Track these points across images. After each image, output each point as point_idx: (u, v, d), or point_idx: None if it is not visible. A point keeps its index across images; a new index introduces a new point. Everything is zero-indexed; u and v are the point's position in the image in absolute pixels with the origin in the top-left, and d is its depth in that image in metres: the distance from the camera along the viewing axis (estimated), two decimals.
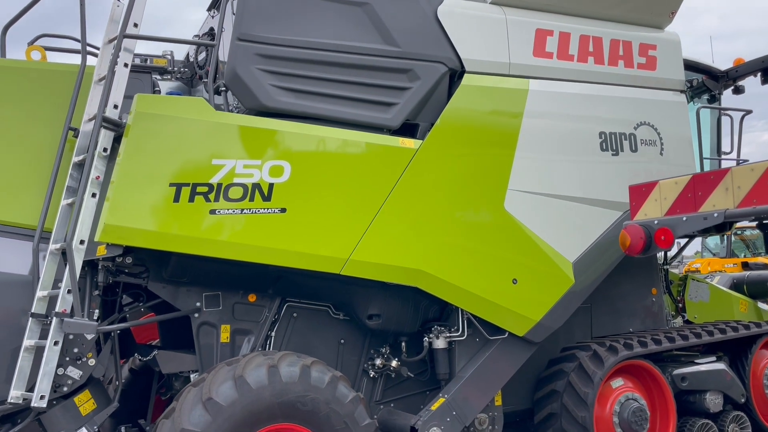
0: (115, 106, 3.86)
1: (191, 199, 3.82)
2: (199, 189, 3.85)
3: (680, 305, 6.61)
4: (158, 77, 5.32)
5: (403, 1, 4.65)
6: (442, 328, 4.73)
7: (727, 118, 6.85)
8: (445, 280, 4.49)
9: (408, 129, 4.59)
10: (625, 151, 5.29)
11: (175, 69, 5.37)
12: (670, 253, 6.62)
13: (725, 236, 16.43)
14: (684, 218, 2.92)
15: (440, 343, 4.71)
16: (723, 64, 7.03)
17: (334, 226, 4.18)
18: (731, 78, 6.89)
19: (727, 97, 7.07)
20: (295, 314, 4.64)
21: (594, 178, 5.11)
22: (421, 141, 4.50)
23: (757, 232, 16.04)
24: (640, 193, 3.19)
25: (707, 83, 6.94)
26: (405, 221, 4.39)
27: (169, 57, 5.52)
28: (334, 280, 4.37)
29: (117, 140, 3.86)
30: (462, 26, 4.80)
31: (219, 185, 3.90)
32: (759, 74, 6.53)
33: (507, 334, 4.72)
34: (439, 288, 4.49)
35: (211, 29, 4.91)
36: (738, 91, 6.91)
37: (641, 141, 5.38)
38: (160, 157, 3.80)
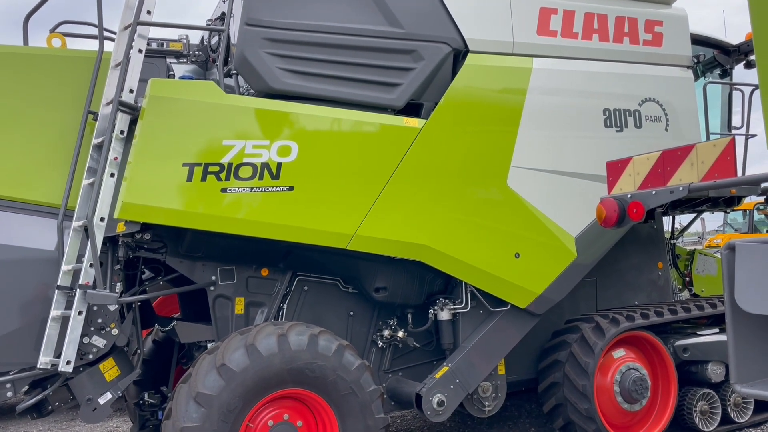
0: (131, 91, 4.07)
1: (203, 179, 4.03)
2: (211, 169, 4.05)
3: (687, 279, 6.70)
4: (174, 61, 5.52)
5: None
6: (447, 301, 4.91)
7: (738, 93, 6.83)
8: (449, 255, 4.65)
9: (412, 108, 4.73)
10: (630, 127, 5.37)
11: (191, 53, 5.57)
12: (678, 228, 6.70)
13: (747, 211, 16.30)
14: (653, 192, 3.05)
15: (445, 315, 4.89)
16: (736, 37, 7.01)
17: (341, 203, 4.36)
18: (743, 52, 6.87)
19: (740, 72, 7.06)
20: (305, 287, 4.86)
21: (597, 155, 5.18)
22: (425, 120, 4.64)
23: None
24: (616, 168, 3.32)
25: (718, 58, 6.94)
26: (409, 198, 4.56)
27: (185, 41, 5.70)
28: (342, 254, 4.56)
29: (133, 123, 4.07)
30: (465, 6, 4.89)
31: (230, 165, 4.10)
32: None
33: (509, 306, 4.89)
34: (444, 262, 4.66)
35: (223, 14, 5.08)
36: (750, 65, 6.89)
37: (646, 117, 5.44)
38: (174, 138, 4.01)
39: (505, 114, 4.92)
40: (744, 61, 6.92)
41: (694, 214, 6.79)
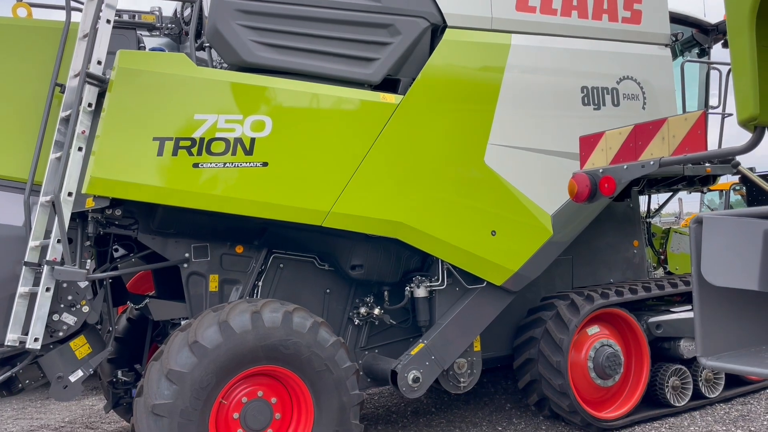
0: (99, 63, 3.96)
1: (174, 153, 3.96)
2: (182, 143, 3.97)
3: (662, 257, 6.77)
4: (146, 34, 5.39)
5: None
6: (423, 278, 4.91)
7: (716, 72, 6.86)
8: (426, 232, 4.64)
9: (389, 84, 4.67)
10: (607, 105, 5.36)
11: (163, 26, 5.44)
12: (653, 207, 6.75)
13: (723, 192, 16.48)
14: (625, 167, 3.03)
15: (421, 293, 4.89)
16: (715, 16, 7.02)
17: (316, 180, 4.31)
18: (721, 31, 6.88)
19: (718, 51, 7.08)
20: (281, 265, 4.82)
21: (575, 133, 5.13)
22: (402, 96, 4.59)
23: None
24: (588, 143, 3.30)
25: (697, 37, 6.95)
26: (386, 175, 4.52)
27: (157, 13, 5.57)
28: (318, 231, 4.53)
29: (101, 96, 3.97)
30: None
31: (201, 140, 4.02)
32: None
33: (485, 283, 4.89)
34: (420, 240, 4.65)
35: None
36: (728, 44, 6.89)
37: (623, 95, 5.44)
38: (143, 112, 3.92)
39: (483, 91, 4.88)
40: (722, 41, 6.93)
41: (670, 194, 6.84)
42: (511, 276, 4.90)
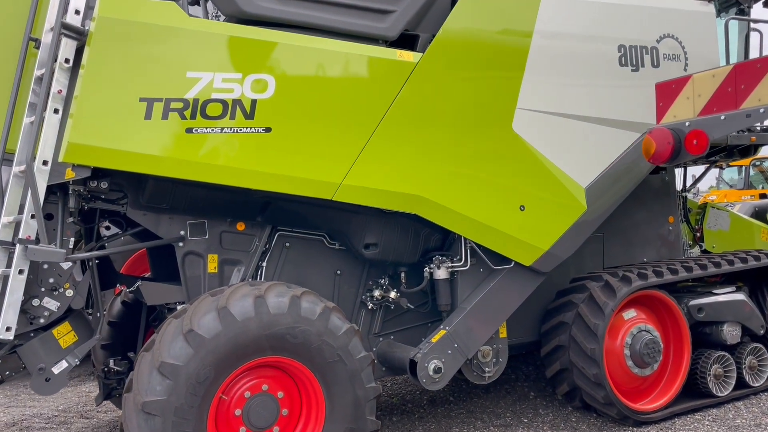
0: (77, 12, 3.47)
1: (165, 116, 3.47)
2: (174, 105, 3.49)
3: (698, 234, 6.28)
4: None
5: None
6: (444, 258, 4.44)
7: (756, 33, 6.30)
8: (447, 207, 4.17)
9: (407, 40, 4.17)
10: (646, 66, 4.84)
11: None
12: (689, 180, 6.25)
13: (743, 167, 15.94)
14: (722, 117, 2.51)
15: (442, 274, 4.43)
16: None
17: (325, 148, 3.84)
18: None
19: (758, 11, 6.52)
20: (287, 244, 4.36)
21: (611, 97, 4.68)
22: (421, 54, 4.09)
23: None
24: (668, 91, 2.78)
25: None
26: (403, 142, 4.04)
27: None
28: (327, 206, 4.06)
29: (81, 50, 3.48)
30: None
31: (195, 101, 3.54)
32: None
33: (513, 263, 4.43)
34: (440, 215, 4.18)
35: None
36: None
37: (664, 56, 4.91)
38: (128, 68, 3.42)
39: (510, 48, 4.37)
40: (763, 0, 6.36)
41: (706, 165, 6.33)
42: (542, 255, 4.43)
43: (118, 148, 3.39)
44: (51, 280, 3.69)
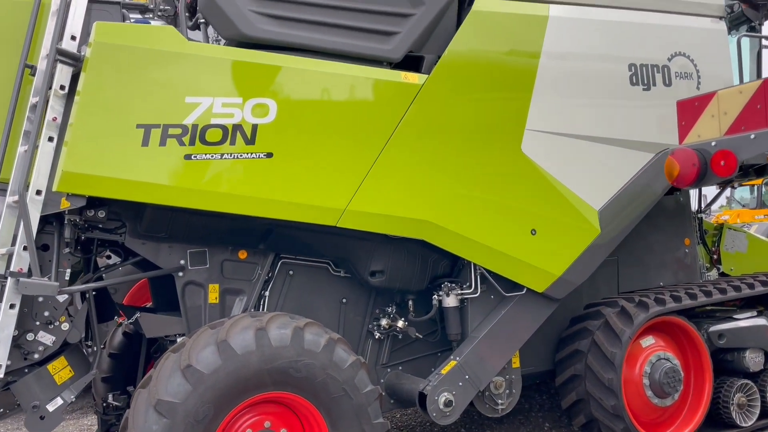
0: (73, 38, 3.39)
1: (162, 143, 3.37)
2: (172, 131, 3.38)
3: (715, 257, 6.09)
4: (138, 16, 4.83)
5: None
6: (453, 285, 4.29)
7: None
8: (456, 232, 4.03)
9: (411, 62, 4.07)
10: (658, 85, 4.71)
11: (157, 6, 4.86)
12: (705, 200, 6.08)
13: (755, 186, 15.73)
14: (752, 136, 2.36)
15: (451, 301, 4.27)
16: None
17: (328, 173, 3.71)
18: None
19: None
20: (291, 272, 4.22)
21: (623, 117, 4.56)
22: (426, 75, 3.98)
23: None
24: (691, 109, 2.64)
25: (747, 12, 6.26)
26: (409, 166, 3.91)
27: None
28: (332, 233, 3.92)
29: (77, 77, 3.39)
30: None
31: (194, 126, 3.43)
32: None
33: (525, 290, 4.26)
34: (449, 240, 4.03)
35: None
36: None
37: (675, 74, 4.79)
38: (125, 94, 3.33)
39: (519, 68, 4.26)
40: None
41: (721, 185, 6.16)
42: (555, 281, 4.26)
43: (115, 176, 3.28)
44: (46, 314, 3.57)
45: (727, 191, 17.19)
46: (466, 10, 4.18)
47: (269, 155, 3.58)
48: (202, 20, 3.94)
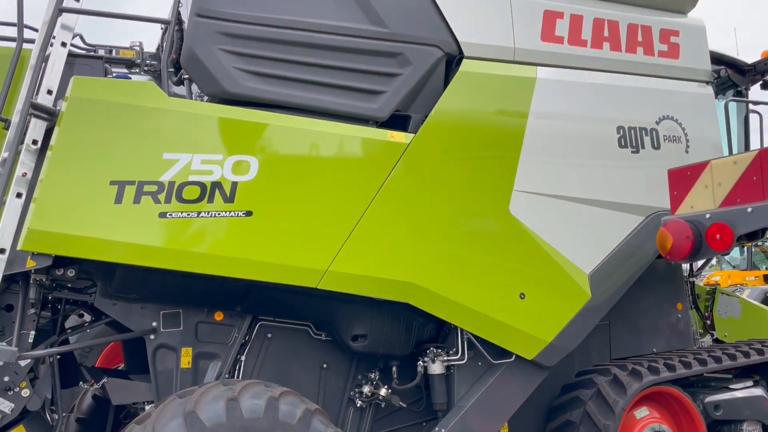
0: (49, 92, 3.30)
1: (137, 200, 3.24)
2: (147, 188, 3.26)
3: (708, 322, 5.95)
4: (125, 71, 4.79)
5: None
6: (439, 351, 4.11)
7: (755, 115, 6.22)
8: (442, 295, 3.88)
9: (398, 121, 4.01)
10: (647, 148, 4.67)
11: (144, 62, 4.84)
12: (697, 264, 5.98)
13: (745, 247, 15.69)
14: (749, 209, 2.27)
15: (437, 368, 4.08)
16: (749, 55, 6.45)
17: (310, 232, 3.59)
18: (759, 72, 6.28)
19: (755, 93, 6.47)
20: (269, 335, 4.04)
21: (612, 179, 4.49)
22: (413, 135, 3.91)
23: None
24: (683, 178, 2.55)
25: (733, 77, 6.33)
26: (394, 227, 3.80)
27: (137, 48, 4.99)
28: (313, 295, 3.77)
29: (51, 133, 3.29)
30: (460, 6, 4.22)
31: (171, 183, 3.31)
32: None
33: (514, 357, 4.09)
34: (435, 304, 3.88)
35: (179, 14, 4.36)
36: (767, 85, 6.29)
37: (664, 137, 4.76)
38: (100, 150, 3.22)
39: (506, 129, 4.21)
40: (761, 82, 6.32)
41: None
42: (545, 347, 4.09)
43: (84, 234, 3.14)
44: (6, 379, 3.36)
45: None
46: (453, 71, 4.15)
47: (248, 214, 3.46)
48: (186, 76, 3.88)
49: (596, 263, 4.32)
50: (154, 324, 3.75)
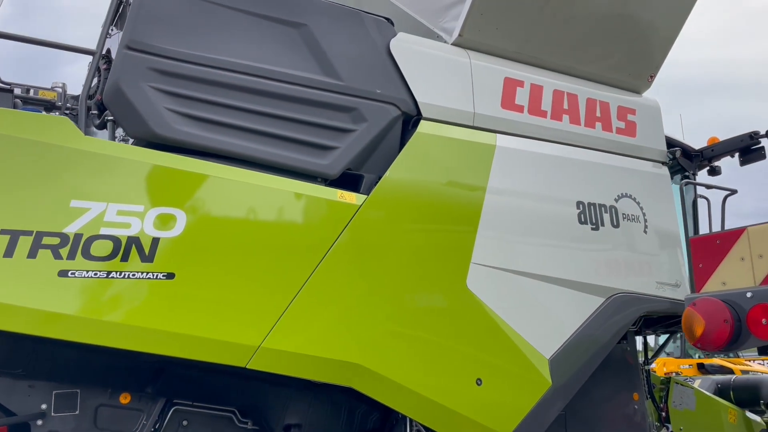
0: None
1: (32, 254, 2.68)
2: (46, 240, 2.71)
3: (663, 414, 5.63)
4: (41, 111, 4.26)
5: (348, 29, 3.82)
6: None
7: (703, 201, 6.19)
8: (390, 378, 3.40)
9: (349, 180, 3.63)
10: (606, 225, 4.46)
11: (65, 104, 4.32)
12: (652, 350, 5.72)
13: (679, 334, 15.84)
14: None
15: None
16: (692, 134, 6.51)
17: (242, 302, 3.08)
18: (706, 158, 6.32)
19: (702, 178, 6.48)
20: (185, 422, 3.42)
21: (572, 257, 4.22)
22: (365, 196, 3.53)
23: None
24: (710, 248, 2.20)
25: (681, 162, 6.33)
26: (339, 299, 3.34)
27: (60, 90, 4.47)
28: (240, 376, 3.22)
29: None
30: (419, 66, 3.98)
31: (78, 236, 2.78)
32: (737, 154, 5.98)
33: None
34: (382, 390, 3.39)
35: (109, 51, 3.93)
36: (714, 172, 6.31)
37: (623, 215, 4.57)
38: None
39: (464, 196, 3.90)
40: (707, 168, 6.35)
41: (668, 334, 5.86)
42: None
43: None
44: None
45: (651, 338, 17.29)
46: (410, 132, 3.86)
47: (170, 276, 2.93)
48: (110, 117, 3.40)
49: (557, 347, 3.97)
50: (44, 407, 3.09)
